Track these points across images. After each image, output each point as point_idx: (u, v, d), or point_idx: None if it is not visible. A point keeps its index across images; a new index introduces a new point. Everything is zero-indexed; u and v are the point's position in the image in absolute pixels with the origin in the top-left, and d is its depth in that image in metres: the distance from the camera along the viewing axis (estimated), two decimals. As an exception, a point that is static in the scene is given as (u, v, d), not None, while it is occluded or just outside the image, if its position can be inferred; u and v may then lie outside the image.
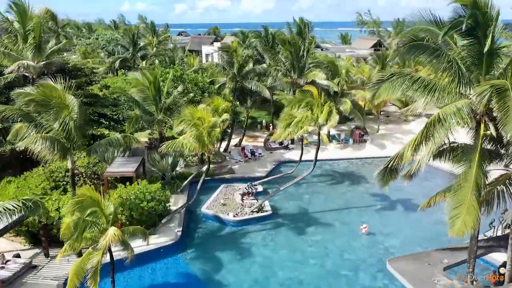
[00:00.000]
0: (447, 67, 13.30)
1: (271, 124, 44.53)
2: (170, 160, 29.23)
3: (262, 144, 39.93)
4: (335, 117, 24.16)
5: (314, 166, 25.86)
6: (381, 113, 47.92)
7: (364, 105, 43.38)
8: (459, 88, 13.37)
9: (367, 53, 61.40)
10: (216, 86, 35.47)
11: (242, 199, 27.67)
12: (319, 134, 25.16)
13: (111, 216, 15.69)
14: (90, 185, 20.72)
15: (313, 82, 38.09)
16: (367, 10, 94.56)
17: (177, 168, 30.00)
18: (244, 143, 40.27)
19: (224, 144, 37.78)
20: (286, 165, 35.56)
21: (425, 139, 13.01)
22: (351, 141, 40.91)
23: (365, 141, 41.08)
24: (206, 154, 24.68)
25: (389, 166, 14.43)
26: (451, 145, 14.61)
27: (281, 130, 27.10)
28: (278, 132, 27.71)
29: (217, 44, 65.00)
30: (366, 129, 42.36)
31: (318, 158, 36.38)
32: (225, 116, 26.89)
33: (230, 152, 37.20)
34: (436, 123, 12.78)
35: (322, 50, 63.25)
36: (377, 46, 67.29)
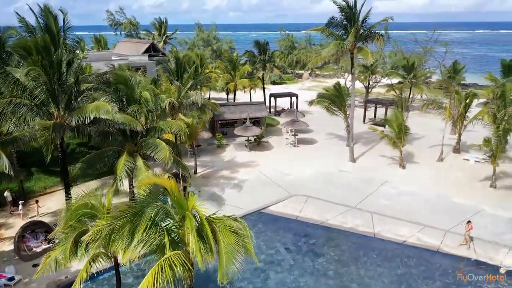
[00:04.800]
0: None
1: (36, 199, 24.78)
2: None
3: (12, 247, 20.48)
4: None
5: None
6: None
7: (176, 139, 29.02)
8: None
9: (144, 60, 46.70)
10: None
11: None
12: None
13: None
14: None
15: (96, 120, 21.29)
16: (120, 9, 78.80)
17: None
18: (-30, 252, 19.95)
19: None
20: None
21: None
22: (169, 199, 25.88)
23: (193, 194, 26.77)
24: None
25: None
26: None
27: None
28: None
29: None
30: (185, 175, 28.03)
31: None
32: None
33: None
34: None
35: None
36: (151, 50, 52.95)
